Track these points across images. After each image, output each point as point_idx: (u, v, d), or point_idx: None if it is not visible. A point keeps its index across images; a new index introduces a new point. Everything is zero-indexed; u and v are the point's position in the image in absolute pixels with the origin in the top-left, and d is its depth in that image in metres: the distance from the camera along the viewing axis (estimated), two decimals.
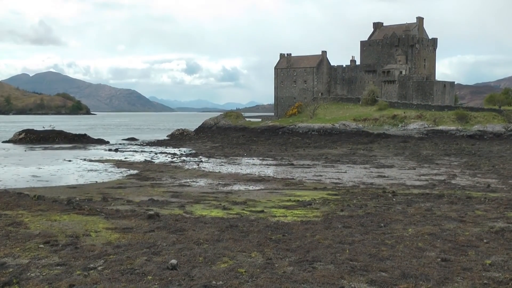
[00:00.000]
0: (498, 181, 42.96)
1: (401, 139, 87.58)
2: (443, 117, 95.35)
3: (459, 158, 66.13)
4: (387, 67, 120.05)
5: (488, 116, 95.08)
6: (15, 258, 15.56)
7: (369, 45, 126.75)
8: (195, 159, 64.33)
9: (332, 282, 13.49)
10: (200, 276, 13.80)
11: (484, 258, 16.26)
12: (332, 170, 52.20)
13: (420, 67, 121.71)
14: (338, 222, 22.76)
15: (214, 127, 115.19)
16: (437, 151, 74.74)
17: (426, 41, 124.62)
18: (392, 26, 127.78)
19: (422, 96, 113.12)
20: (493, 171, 51.46)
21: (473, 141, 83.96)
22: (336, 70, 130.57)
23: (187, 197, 32.27)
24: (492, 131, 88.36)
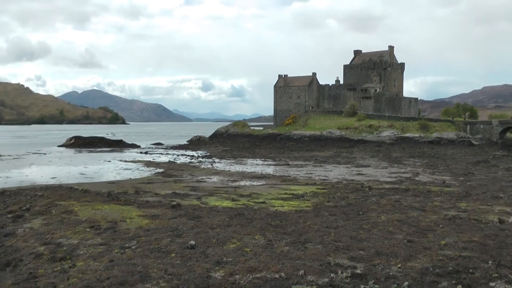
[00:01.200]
0: (451, 178, 42.91)
1: (375, 144, 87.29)
2: (409, 126, 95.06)
3: (421, 160, 65.95)
4: (365, 86, 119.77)
5: (444, 126, 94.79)
6: (68, 239, 15.78)
7: (351, 68, 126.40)
8: (209, 160, 64.24)
9: (320, 259, 13.63)
10: (213, 254, 13.96)
11: (440, 239, 16.42)
12: (321, 169, 52.13)
13: (391, 86, 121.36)
14: (325, 211, 22.85)
15: (225, 134, 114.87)
16: (404, 154, 74.51)
17: (396, 65, 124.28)
18: (369, 53, 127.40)
19: (392, 109, 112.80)
20: (447, 170, 51.36)
21: (432, 145, 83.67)
22: (324, 88, 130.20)
23: (203, 191, 32.32)
24: (447, 138, 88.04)
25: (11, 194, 27.51)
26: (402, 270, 12.70)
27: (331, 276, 12.10)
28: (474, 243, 15.94)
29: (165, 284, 11.09)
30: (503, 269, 12.98)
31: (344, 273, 12.31)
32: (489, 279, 12.11)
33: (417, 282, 11.63)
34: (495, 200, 28.10)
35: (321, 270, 12.53)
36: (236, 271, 12.29)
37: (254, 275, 12.02)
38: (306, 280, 11.70)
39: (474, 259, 13.90)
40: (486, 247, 15.35)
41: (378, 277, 12.00)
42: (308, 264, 13.07)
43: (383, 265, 13.09)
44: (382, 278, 11.93)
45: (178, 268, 12.46)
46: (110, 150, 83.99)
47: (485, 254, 14.48)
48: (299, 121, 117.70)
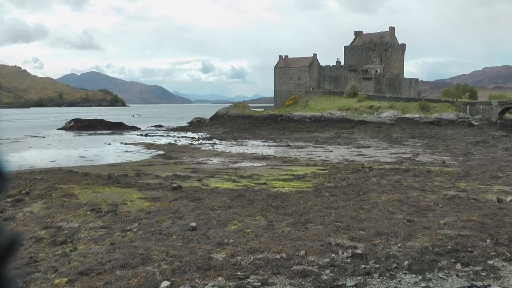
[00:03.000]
0: (451, 158, 42.93)
1: (376, 125, 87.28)
2: (409, 107, 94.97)
3: (421, 140, 65.94)
4: (365, 67, 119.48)
5: (444, 106, 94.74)
6: (69, 222, 15.85)
7: (351, 49, 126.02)
8: (210, 142, 64.18)
9: (321, 239, 13.69)
10: (215, 235, 14.03)
11: (439, 219, 16.48)
12: (321, 150, 52.16)
13: (391, 67, 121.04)
14: (326, 192, 22.90)
15: (225, 116, 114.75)
16: (405, 135, 74.52)
17: (397, 46, 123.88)
18: (370, 34, 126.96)
19: (393, 90, 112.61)
20: (447, 150, 51.37)
21: (433, 126, 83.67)
22: (324, 69, 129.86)
23: (203, 172, 32.34)
24: (447, 118, 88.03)
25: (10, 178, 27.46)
26: (402, 249, 12.76)
27: (331, 256, 12.16)
28: (473, 222, 16.00)
29: (166, 266, 11.16)
30: (501, 247, 13.07)
31: (344, 253, 12.37)
32: (487, 257, 12.19)
33: (416, 261, 11.70)
34: (494, 180, 28.16)
35: (322, 250, 12.59)
36: (237, 252, 12.34)
37: (255, 256, 12.08)
38: (307, 261, 11.76)
39: (473, 238, 13.97)
40: (484, 226, 15.42)
41: (378, 256, 12.07)
42: (309, 244, 13.12)
43: (383, 245, 13.15)
44: (382, 257, 12.00)
45: (180, 250, 12.52)
46: (110, 133, 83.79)
47: (483, 233, 14.55)
48: (299, 102, 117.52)
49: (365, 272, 10.92)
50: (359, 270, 11.03)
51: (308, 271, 10.97)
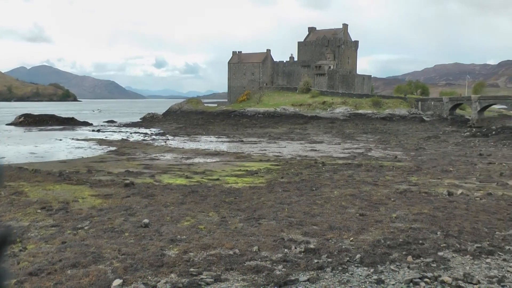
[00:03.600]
0: (402, 153, 43.76)
1: (329, 120, 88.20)
2: (362, 103, 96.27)
3: (374, 135, 66.99)
4: (319, 63, 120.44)
5: (396, 102, 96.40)
6: (18, 221, 15.45)
7: (305, 45, 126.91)
8: (163, 138, 63.69)
9: (274, 235, 13.72)
10: (167, 232, 13.91)
11: (391, 212, 16.76)
12: (274, 146, 52.38)
13: (344, 63, 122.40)
14: (279, 187, 23.00)
15: (178, 111, 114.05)
16: (357, 130, 75.52)
17: (350, 42, 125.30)
18: (323, 30, 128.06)
19: (346, 86, 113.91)
20: (399, 145, 52.35)
21: (385, 122, 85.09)
22: (278, 65, 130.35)
23: (156, 169, 32.07)
24: (399, 114, 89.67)
25: None
26: (354, 243, 12.91)
27: (284, 251, 12.20)
28: (424, 215, 16.34)
29: (118, 264, 11.00)
30: (451, 239, 13.40)
31: (297, 248, 12.43)
32: (437, 249, 12.47)
33: (369, 254, 11.85)
34: (445, 174, 28.88)
35: (275, 246, 12.62)
36: (190, 248, 12.26)
37: (209, 252, 12.02)
38: (260, 256, 11.77)
39: (424, 231, 14.26)
40: (435, 219, 15.77)
41: (331, 251, 12.16)
42: (262, 240, 13.14)
43: (335, 239, 13.27)
44: (335, 251, 12.10)
45: (132, 247, 12.36)
46: (62, 128, 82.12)
47: (434, 225, 14.88)
48: (253, 98, 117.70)
49: (318, 266, 10.99)
50: (311, 265, 11.10)
51: (261, 266, 10.98)
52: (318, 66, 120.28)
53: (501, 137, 59.68)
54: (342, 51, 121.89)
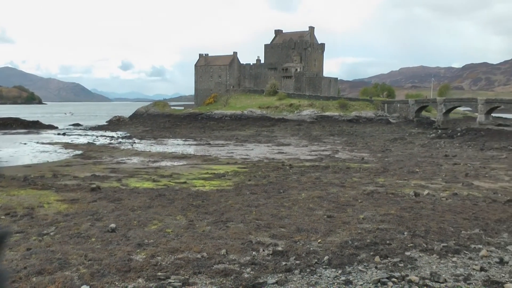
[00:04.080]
0: (369, 155, 44.22)
1: (296, 122, 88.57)
2: (329, 105, 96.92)
3: (341, 138, 67.56)
4: (286, 65, 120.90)
5: (362, 105, 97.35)
6: None
7: (271, 47, 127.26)
8: (129, 141, 63.21)
9: (242, 237, 13.72)
10: (135, 236, 13.79)
11: (358, 214, 16.91)
12: (242, 148, 52.41)
13: (311, 65, 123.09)
14: (247, 190, 23.01)
15: (145, 114, 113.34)
16: (324, 132, 76.03)
17: (316, 45, 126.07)
18: (290, 33, 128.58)
19: (313, 89, 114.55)
20: (366, 147, 52.90)
21: (352, 124, 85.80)
22: (245, 67, 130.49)
23: (123, 172, 31.78)
24: (365, 116, 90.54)
25: None
26: (322, 245, 12.99)
27: (252, 254, 12.21)
28: (391, 215, 16.54)
29: (85, 270, 10.86)
30: (418, 239, 13.61)
31: (265, 250, 12.45)
32: (405, 249, 12.65)
33: (336, 256, 11.93)
34: (411, 175, 29.29)
35: (243, 249, 12.62)
36: (157, 252, 12.18)
37: (176, 256, 11.96)
38: (228, 259, 11.76)
39: (391, 231, 14.44)
40: (402, 219, 15.99)
41: (299, 253, 12.21)
42: (230, 243, 13.13)
43: (303, 241, 13.33)
44: (303, 254, 12.15)
45: (99, 252, 12.22)
46: (26, 132, 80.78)
47: (401, 226, 15.08)
48: (220, 101, 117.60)
49: (286, 268, 11.03)
50: (280, 267, 11.13)
51: (229, 269, 10.97)
52: (285, 68, 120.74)
53: (466, 139, 60.80)
54: (308, 54, 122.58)
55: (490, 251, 12.76)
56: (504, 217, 16.90)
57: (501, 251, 12.93)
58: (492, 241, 13.86)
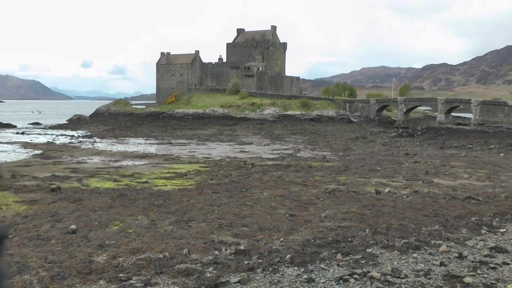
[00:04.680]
0: (331, 154, 44.60)
1: (258, 121, 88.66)
2: (291, 104, 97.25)
3: (302, 136, 67.97)
4: (248, 64, 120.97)
5: (324, 104, 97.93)
6: None
7: (233, 46, 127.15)
8: (90, 140, 62.37)
9: (204, 237, 13.72)
10: (96, 237, 13.66)
11: (320, 212, 17.07)
12: (204, 147, 52.26)
13: (273, 65, 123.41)
14: (209, 189, 22.99)
15: (106, 113, 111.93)
16: (286, 131, 76.35)
17: (278, 44, 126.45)
18: (252, 32, 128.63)
19: (275, 88, 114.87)
20: (327, 146, 53.32)
21: (313, 123, 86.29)
22: (207, 66, 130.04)
23: (84, 172, 31.33)
24: (327, 115, 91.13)
25: None
26: (284, 243, 13.07)
27: (215, 253, 12.22)
28: (353, 213, 16.75)
29: (45, 273, 10.69)
30: (379, 236, 13.84)
31: (228, 249, 12.47)
32: (366, 246, 12.84)
33: (299, 254, 12.02)
34: (372, 173, 29.67)
35: (205, 248, 12.62)
36: (119, 253, 12.09)
37: (138, 256, 11.89)
38: (190, 259, 11.74)
39: (353, 229, 14.62)
40: (363, 217, 16.21)
41: (261, 252, 12.27)
42: (192, 242, 13.11)
43: (266, 240, 13.40)
44: (265, 252, 12.21)
45: (59, 255, 12.05)
46: None
47: (362, 223, 15.30)
48: (182, 99, 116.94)
49: (249, 267, 11.07)
50: (242, 266, 11.16)
51: (191, 269, 10.95)
52: (247, 67, 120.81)
53: (426, 137, 61.89)
54: (270, 53, 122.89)
55: (450, 246, 13.07)
56: (463, 213, 17.32)
57: (460, 246, 13.27)
58: (452, 236, 14.19)
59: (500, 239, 14.18)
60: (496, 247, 13.16)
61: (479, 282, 10.45)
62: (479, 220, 16.39)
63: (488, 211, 17.91)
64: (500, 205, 19.27)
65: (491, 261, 11.87)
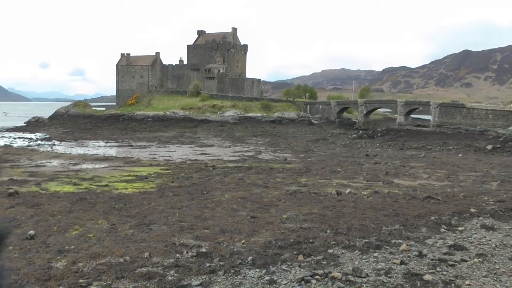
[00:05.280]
0: (292, 155, 44.83)
1: (219, 123, 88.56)
2: (251, 106, 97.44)
3: (263, 138, 68.13)
4: (208, 66, 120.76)
5: (285, 106, 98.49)
6: None
7: (194, 48, 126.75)
8: (49, 143, 61.24)
9: (165, 240, 13.64)
10: (55, 243, 13.45)
11: (282, 213, 17.15)
12: (164, 150, 51.93)
13: (234, 67, 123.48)
14: (170, 192, 22.87)
15: (65, 115, 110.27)
16: (247, 133, 76.45)
17: (239, 46, 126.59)
18: (213, 34, 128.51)
19: (235, 90, 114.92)
20: (288, 148, 53.60)
21: (274, 125, 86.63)
22: (167, 68, 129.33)
23: (42, 176, 30.75)
24: (288, 117, 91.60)
25: None
26: (246, 245, 13.08)
27: (176, 256, 12.16)
28: (314, 215, 16.87)
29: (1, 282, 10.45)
30: (340, 236, 13.99)
31: (189, 252, 12.42)
32: (327, 247, 12.96)
33: (260, 256, 12.05)
34: (333, 174, 29.95)
35: (166, 251, 12.55)
36: (79, 258, 11.92)
37: (98, 261, 11.75)
38: (152, 262, 11.65)
39: (314, 230, 14.73)
40: (325, 218, 16.35)
41: (223, 254, 12.26)
42: (153, 246, 13.02)
43: (227, 242, 13.39)
44: (227, 255, 12.20)
45: (17, 261, 11.81)
46: None
47: (324, 224, 15.43)
48: (142, 101, 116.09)
49: (210, 270, 11.05)
50: (204, 269, 11.13)
51: (152, 273, 10.88)
52: (208, 69, 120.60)
53: (386, 139, 62.80)
54: (231, 55, 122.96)
55: (410, 245, 13.32)
56: (423, 212, 17.64)
57: (420, 245, 13.52)
58: (412, 235, 14.45)
59: (459, 237, 14.52)
60: (455, 245, 13.49)
61: (438, 279, 10.68)
62: (438, 219, 16.73)
63: (447, 210, 18.29)
64: (458, 204, 19.70)
65: (450, 259, 12.16)
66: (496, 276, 11.01)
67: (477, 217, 17.28)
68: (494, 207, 19.04)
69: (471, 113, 69.51)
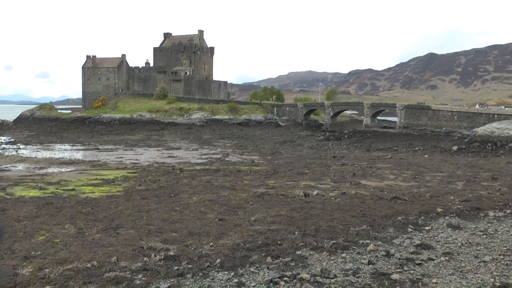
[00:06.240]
0: (259, 158, 44.93)
1: (186, 126, 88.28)
2: (218, 109, 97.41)
3: (231, 141, 68.12)
4: (175, 69, 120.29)
5: (252, 108, 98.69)
6: None
7: (160, 50, 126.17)
8: (14, 147, 60.24)
9: (133, 244, 13.55)
10: (20, 249, 13.25)
11: (250, 216, 17.18)
12: (131, 153, 51.54)
13: (201, 69, 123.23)
14: (137, 195, 22.72)
15: (30, 118, 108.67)
16: (215, 136, 76.37)
17: (206, 49, 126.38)
18: (179, 36, 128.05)
19: (202, 92, 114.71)
20: (256, 150, 53.68)
21: (242, 127, 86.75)
22: (134, 70, 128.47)
23: (7, 181, 30.21)
24: (255, 120, 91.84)
25: None
26: (214, 248, 13.07)
27: (144, 260, 12.09)
28: (282, 216, 16.93)
29: None
30: (308, 238, 14.07)
31: (157, 256, 12.37)
32: (296, 248, 13.03)
33: (229, 259, 12.05)
34: (301, 176, 30.11)
35: (134, 255, 12.46)
36: (45, 264, 11.76)
37: (65, 266, 11.61)
38: (119, 267, 11.57)
39: (282, 231, 14.79)
40: (292, 220, 16.43)
41: (191, 257, 12.23)
42: (120, 250, 12.92)
43: (195, 245, 13.37)
44: (195, 257, 12.18)
45: None
46: None
47: (292, 226, 15.50)
48: (108, 104, 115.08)
49: (178, 273, 11.02)
50: (172, 272, 11.10)
51: (120, 277, 10.80)
52: (174, 72, 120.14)
53: (353, 140, 63.43)
54: (198, 57, 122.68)
55: (377, 245, 13.49)
56: (390, 213, 17.87)
57: (388, 244, 13.70)
58: (379, 235, 14.63)
59: (426, 236, 14.75)
60: (422, 244, 13.71)
61: (406, 278, 10.84)
62: (405, 219, 16.98)
63: (413, 210, 18.56)
64: (425, 204, 20.01)
65: (417, 258, 12.37)
66: (462, 274, 11.24)
67: (443, 216, 17.60)
68: (460, 206, 19.40)
69: (436, 115, 70.73)
